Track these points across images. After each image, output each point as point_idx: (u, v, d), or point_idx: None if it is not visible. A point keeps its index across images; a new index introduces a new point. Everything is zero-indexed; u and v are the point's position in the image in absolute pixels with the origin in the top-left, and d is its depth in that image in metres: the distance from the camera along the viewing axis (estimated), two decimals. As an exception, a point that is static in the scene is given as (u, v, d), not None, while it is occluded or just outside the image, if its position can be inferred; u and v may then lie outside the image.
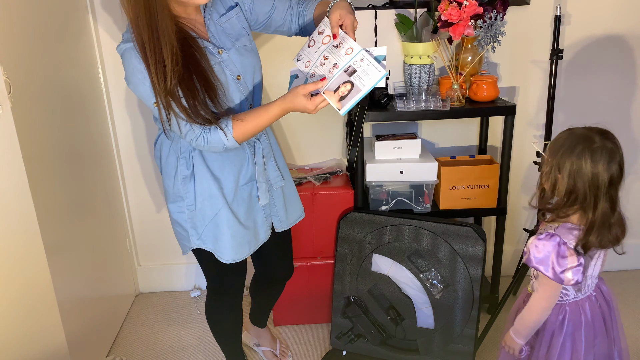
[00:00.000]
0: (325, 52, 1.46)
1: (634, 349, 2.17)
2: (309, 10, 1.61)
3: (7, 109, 1.53)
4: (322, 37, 1.49)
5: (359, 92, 1.39)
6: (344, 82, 1.41)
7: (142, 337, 2.35)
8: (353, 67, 1.41)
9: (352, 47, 1.43)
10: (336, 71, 1.42)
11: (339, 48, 1.45)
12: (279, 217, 1.74)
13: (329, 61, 1.45)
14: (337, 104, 1.41)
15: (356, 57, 1.41)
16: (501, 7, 1.95)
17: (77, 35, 2.11)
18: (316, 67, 1.47)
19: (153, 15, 1.33)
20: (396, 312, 2.10)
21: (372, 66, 1.39)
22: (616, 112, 2.46)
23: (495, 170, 2.17)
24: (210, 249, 1.64)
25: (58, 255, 1.81)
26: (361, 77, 1.40)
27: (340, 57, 1.43)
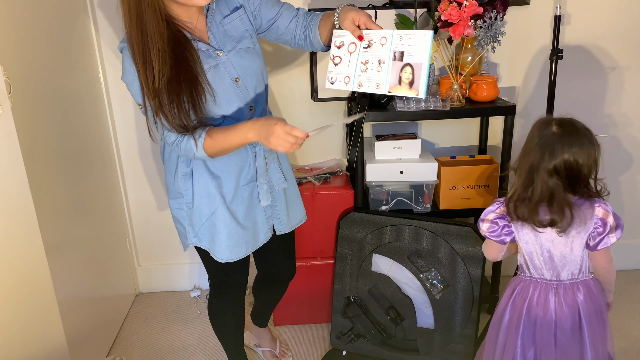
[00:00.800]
0: (361, 58, 1.42)
1: (634, 349, 2.17)
2: (314, 22, 1.57)
3: (7, 109, 1.53)
4: (346, 48, 1.44)
5: (420, 67, 1.34)
6: (402, 69, 1.36)
7: (142, 337, 2.35)
8: (398, 50, 1.36)
9: (384, 35, 1.37)
10: (385, 66, 1.37)
11: (371, 46, 1.40)
12: (280, 220, 1.73)
13: (371, 62, 1.40)
14: (412, 92, 1.36)
15: (394, 40, 1.36)
16: (501, 7, 1.95)
17: (77, 36, 2.11)
18: (359, 76, 1.41)
19: (140, 16, 1.33)
20: (396, 312, 2.10)
21: (414, 36, 1.34)
22: (616, 112, 2.46)
23: (496, 170, 2.17)
24: (206, 247, 1.65)
25: (58, 255, 1.81)
26: (412, 52, 1.34)
27: (380, 51, 1.38)
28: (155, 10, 1.34)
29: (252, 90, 1.56)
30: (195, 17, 1.48)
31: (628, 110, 2.46)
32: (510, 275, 2.65)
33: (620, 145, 2.52)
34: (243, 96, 1.54)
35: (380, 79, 1.39)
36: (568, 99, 2.43)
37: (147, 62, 1.36)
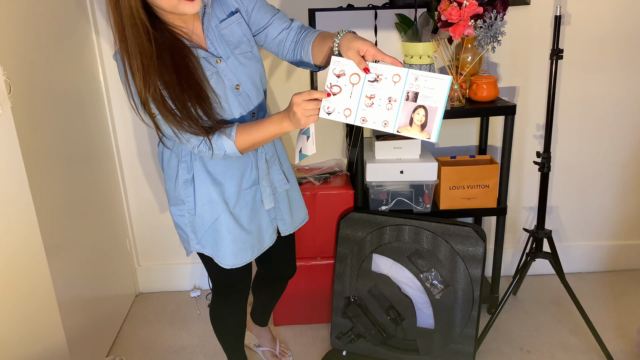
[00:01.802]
0: (366, 91, 1.32)
1: (634, 349, 2.17)
2: (308, 39, 1.49)
3: (7, 109, 1.53)
4: (348, 78, 1.33)
5: (436, 110, 1.30)
6: (414, 110, 1.31)
7: (142, 337, 2.35)
8: (412, 90, 1.30)
9: (398, 72, 1.30)
10: (397, 104, 1.31)
11: (379, 81, 1.31)
12: (284, 221, 1.72)
13: (379, 98, 1.32)
14: (423, 135, 1.32)
15: (408, 79, 1.30)
16: (501, 7, 1.95)
17: (77, 36, 2.11)
18: (364, 110, 1.33)
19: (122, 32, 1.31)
20: (396, 312, 2.10)
21: (432, 79, 1.29)
22: (616, 112, 2.46)
23: (495, 170, 2.17)
24: (209, 253, 1.63)
25: (58, 255, 1.81)
26: (427, 95, 1.30)
27: (391, 89, 1.31)
28: (135, 26, 1.30)
29: (254, 96, 1.53)
30: (190, 23, 1.44)
31: (628, 110, 2.47)
32: (510, 275, 2.65)
33: (620, 145, 2.52)
34: (244, 103, 1.51)
35: (389, 117, 1.32)
36: (568, 99, 2.43)
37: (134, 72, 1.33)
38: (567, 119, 2.46)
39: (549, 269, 2.55)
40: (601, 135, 2.50)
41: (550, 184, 2.57)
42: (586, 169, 2.55)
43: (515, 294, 2.55)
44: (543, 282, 2.62)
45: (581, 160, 2.54)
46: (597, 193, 2.60)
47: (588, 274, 2.69)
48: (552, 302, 2.49)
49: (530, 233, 2.23)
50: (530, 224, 2.63)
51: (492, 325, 2.21)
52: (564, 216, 2.64)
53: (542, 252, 2.21)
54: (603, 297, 2.51)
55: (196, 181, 1.56)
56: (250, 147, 1.45)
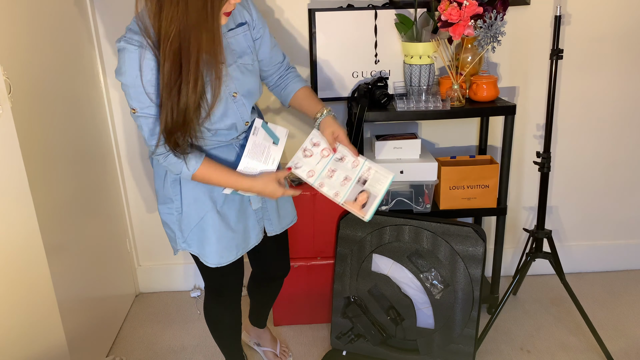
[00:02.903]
0: (331, 165, 1.62)
1: (634, 349, 2.17)
2: (292, 85, 1.69)
3: (7, 109, 1.53)
4: (320, 150, 1.63)
5: (375, 198, 1.59)
6: (360, 192, 1.60)
7: (142, 337, 2.35)
8: (363, 177, 1.61)
9: (357, 160, 1.62)
10: (349, 184, 1.60)
11: (343, 161, 1.62)
12: (271, 221, 1.73)
13: (338, 174, 1.61)
14: (360, 212, 1.59)
15: (363, 168, 1.61)
16: (501, 7, 1.95)
17: (77, 36, 2.11)
18: (324, 178, 1.62)
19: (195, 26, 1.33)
20: (396, 312, 2.10)
21: (379, 173, 1.61)
22: (616, 112, 2.46)
23: (495, 170, 2.17)
24: (195, 252, 1.65)
25: (58, 255, 1.81)
26: (374, 185, 1.60)
27: (349, 170, 1.62)
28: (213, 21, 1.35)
29: (248, 105, 1.56)
30: None
31: (628, 110, 2.47)
32: (510, 275, 2.65)
33: (620, 145, 2.52)
34: (239, 111, 1.53)
35: (341, 190, 1.60)
36: (568, 99, 2.43)
37: (186, 72, 1.35)
38: (567, 119, 2.46)
39: (549, 269, 2.55)
40: (601, 135, 2.50)
41: (550, 184, 2.57)
42: (586, 169, 2.55)
43: (515, 294, 2.55)
44: (543, 282, 2.62)
45: (581, 160, 2.54)
46: (597, 193, 2.60)
47: (588, 274, 2.70)
48: (552, 302, 2.49)
49: (530, 233, 2.23)
50: (530, 224, 2.63)
51: (492, 325, 2.21)
52: (564, 216, 2.64)
53: (542, 252, 2.22)
54: (603, 297, 2.51)
55: (183, 180, 1.58)
56: (204, 182, 1.53)
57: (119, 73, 1.40)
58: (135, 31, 1.37)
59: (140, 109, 1.40)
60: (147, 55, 1.35)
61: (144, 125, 1.43)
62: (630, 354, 2.15)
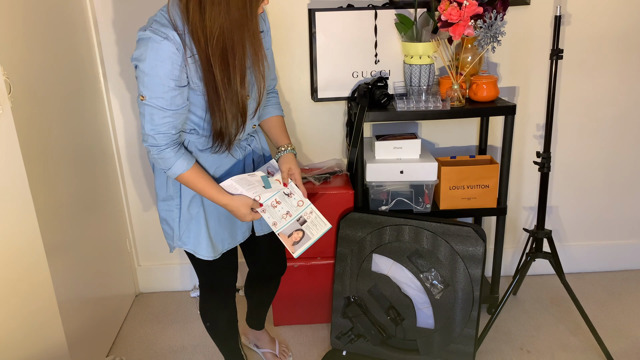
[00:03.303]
0: (277, 197, 1.69)
1: (634, 349, 2.17)
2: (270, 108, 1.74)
3: (7, 109, 1.53)
4: (275, 178, 1.68)
5: (309, 239, 1.70)
6: (296, 230, 1.69)
7: (142, 337, 2.35)
8: (304, 217, 1.70)
9: (303, 200, 1.71)
10: (290, 219, 1.69)
11: (290, 197, 1.70)
12: (260, 221, 1.76)
13: (282, 207, 1.69)
14: (291, 248, 1.69)
15: (306, 209, 1.71)
16: (501, 7, 1.95)
17: (77, 36, 2.11)
18: (268, 207, 1.68)
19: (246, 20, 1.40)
20: (396, 312, 2.10)
21: (319, 219, 1.71)
22: (616, 112, 2.46)
23: (495, 170, 2.17)
24: (190, 249, 1.67)
25: (58, 255, 1.81)
26: (310, 227, 1.70)
27: (293, 207, 1.70)
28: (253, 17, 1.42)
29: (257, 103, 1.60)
30: None
31: (628, 111, 2.47)
32: (510, 275, 2.65)
33: (620, 145, 2.52)
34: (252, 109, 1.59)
35: (280, 222, 1.68)
36: (568, 99, 2.43)
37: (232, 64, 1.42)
38: (567, 119, 2.46)
39: (549, 269, 2.55)
40: (601, 135, 2.50)
41: (550, 184, 2.57)
42: (586, 169, 2.55)
43: (515, 294, 2.55)
44: (543, 282, 2.62)
45: (581, 160, 2.54)
46: (597, 193, 2.60)
47: (588, 274, 2.70)
48: (552, 302, 2.49)
49: (530, 233, 2.23)
50: (530, 224, 2.63)
51: (492, 325, 2.21)
52: (564, 216, 2.64)
53: (542, 252, 2.22)
54: (603, 297, 2.51)
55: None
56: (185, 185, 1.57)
57: (138, 59, 1.41)
58: (162, 24, 1.39)
59: (150, 98, 1.42)
60: (172, 49, 1.38)
61: (146, 113, 1.45)
62: (630, 354, 2.15)
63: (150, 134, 1.47)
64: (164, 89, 1.40)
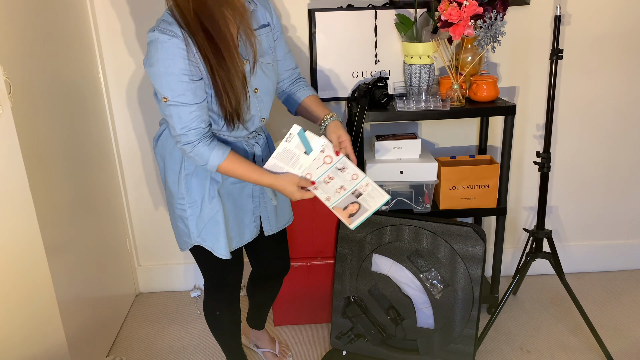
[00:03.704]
0: (330, 173, 1.63)
1: (634, 349, 2.17)
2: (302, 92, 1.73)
3: (7, 109, 1.53)
4: (324, 156, 1.62)
5: (366, 211, 1.63)
6: (352, 202, 1.63)
7: (142, 337, 2.35)
8: (359, 190, 1.64)
9: (357, 173, 1.64)
10: (344, 192, 1.63)
11: (343, 172, 1.63)
12: (269, 221, 1.76)
13: (335, 182, 1.63)
14: (347, 220, 1.63)
15: (361, 182, 1.64)
16: (501, 7, 1.95)
17: (77, 35, 2.11)
18: (320, 183, 1.63)
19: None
20: (396, 312, 2.10)
21: (376, 191, 1.63)
22: (616, 112, 2.46)
23: (495, 170, 2.17)
24: (209, 247, 1.66)
25: (58, 255, 1.81)
26: (367, 199, 1.63)
27: (347, 181, 1.63)
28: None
29: (267, 103, 1.62)
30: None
31: (628, 111, 2.47)
32: (510, 275, 2.65)
33: (620, 145, 2.52)
34: (259, 107, 1.59)
35: (333, 197, 1.64)
36: (568, 99, 2.43)
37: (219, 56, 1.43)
38: (567, 119, 2.46)
39: (549, 269, 2.55)
40: (601, 135, 2.50)
41: (550, 184, 2.57)
42: (586, 169, 2.55)
43: (515, 294, 2.55)
44: (543, 282, 2.62)
45: (581, 160, 2.54)
46: (597, 193, 2.60)
47: (588, 274, 2.70)
48: (552, 302, 2.49)
49: (530, 233, 2.23)
50: (530, 224, 2.63)
51: (492, 325, 2.21)
52: (564, 216, 2.64)
53: (542, 252, 2.22)
54: (603, 297, 2.51)
55: (198, 175, 1.60)
56: (227, 175, 1.56)
57: (149, 64, 1.43)
58: (169, 22, 1.41)
59: (172, 97, 1.43)
60: (181, 45, 1.40)
61: (174, 114, 1.45)
62: (630, 354, 2.15)
63: (181, 132, 1.47)
64: (182, 85, 1.42)
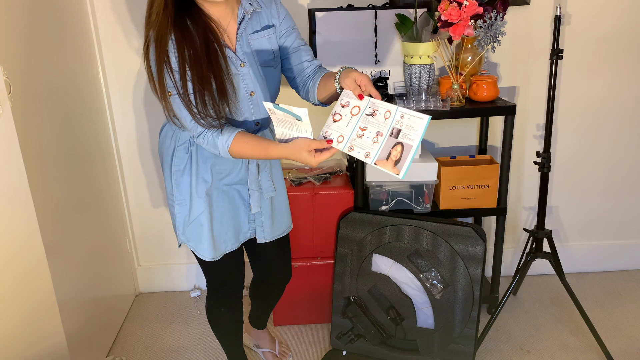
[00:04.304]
0: (361, 123, 1.43)
1: (634, 349, 2.17)
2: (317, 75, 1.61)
3: (7, 109, 1.53)
4: (350, 109, 1.45)
5: (410, 148, 1.39)
6: (393, 146, 1.40)
7: (142, 337, 2.35)
8: (396, 127, 1.40)
9: (389, 109, 1.41)
10: (382, 139, 1.41)
11: (374, 116, 1.43)
12: (262, 228, 1.73)
13: (369, 131, 1.42)
14: (394, 170, 1.40)
15: (395, 117, 1.41)
16: (501, 7, 1.95)
17: (77, 35, 2.11)
18: (354, 139, 1.43)
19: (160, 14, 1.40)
20: (396, 312, 2.10)
21: (414, 118, 1.39)
22: (616, 112, 2.46)
23: (495, 170, 2.17)
24: (192, 247, 1.67)
25: (58, 255, 1.81)
26: (408, 133, 1.39)
27: (381, 124, 1.42)
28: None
29: (263, 107, 1.59)
30: (226, 22, 1.50)
31: (628, 110, 2.47)
32: (510, 275, 2.65)
33: (620, 144, 2.52)
34: (254, 111, 1.58)
35: (372, 149, 1.41)
36: (568, 99, 2.43)
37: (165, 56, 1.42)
38: (567, 119, 2.46)
39: (549, 269, 2.55)
40: (601, 135, 2.50)
41: (550, 184, 2.57)
42: (586, 169, 2.55)
43: (515, 294, 2.55)
44: (543, 282, 2.62)
45: (581, 160, 2.54)
46: (597, 193, 2.60)
47: (588, 274, 2.70)
48: (552, 302, 2.49)
49: (530, 233, 2.23)
50: (530, 224, 2.63)
51: (492, 325, 2.21)
52: (564, 216, 2.64)
53: (542, 252, 2.22)
54: (603, 297, 2.51)
55: (187, 173, 1.61)
56: (242, 157, 1.51)
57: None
58: None
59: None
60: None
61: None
62: (630, 354, 2.15)
63: (191, 126, 1.48)
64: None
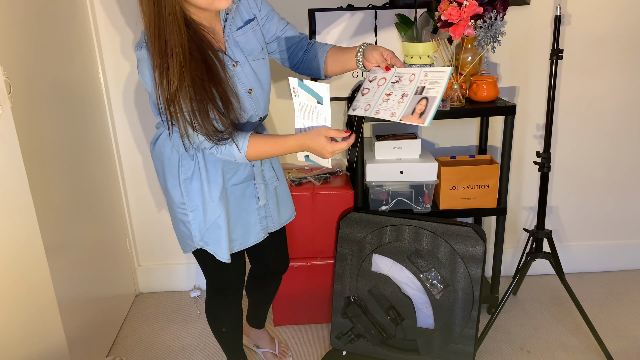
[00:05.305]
0: (387, 90, 1.51)
1: (634, 349, 2.17)
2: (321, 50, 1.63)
3: (7, 109, 1.53)
4: (377, 82, 1.53)
5: (434, 99, 1.43)
6: (417, 102, 1.45)
7: (142, 337, 2.35)
8: (420, 86, 1.46)
9: (414, 72, 1.49)
10: (407, 99, 1.47)
11: (400, 82, 1.50)
12: (272, 218, 1.76)
13: (395, 95, 1.49)
14: (418, 121, 1.43)
15: (419, 78, 1.48)
16: (501, 7, 1.95)
17: (77, 35, 2.11)
18: (380, 104, 1.49)
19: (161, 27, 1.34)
20: (396, 312, 2.10)
21: (437, 73, 1.46)
22: (616, 112, 2.46)
23: (495, 170, 2.17)
24: (212, 251, 1.65)
25: (58, 255, 1.81)
26: (432, 87, 1.45)
27: (406, 87, 1.48)
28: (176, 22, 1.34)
29: (263, 101, 1.60)
30: (213, 23, 1.49)
31: (628, 110, 2.47)
32: (510, 275, 2.65)
33: (620, 145, 2.52)
34: (255, 107, 1.58)
35: (397, 109, 1.46)
36: (568, 99, 2.43)
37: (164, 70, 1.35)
38: (567, 119, 2.46)
39: (549, 269, 2.55)
40: (601, 135, 2.50)
41: (550, 184, 2.57)
42: (586, 169, 2.55)
43: (515, 294, 2.55)
44: (543, 282, 2.62)
45: (581, 160, 2.54)
46: (597, 193, 2.60)
47: (588, 274, 2.70)
48: (552, 302, 2.49)
49: (530, 233, 2.23)
50: (530, 224, 2.63)
51: (492, 325, 2.21)
52: (564, 216, 2.64)
53: (542, 252, 2.22)
54: (603, 297, 2.51)
55: (196, 179, 1.59)
56: (259, 159, 1.52)
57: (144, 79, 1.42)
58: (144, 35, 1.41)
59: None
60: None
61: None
62: (630, 354, 2.15)
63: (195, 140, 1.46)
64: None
